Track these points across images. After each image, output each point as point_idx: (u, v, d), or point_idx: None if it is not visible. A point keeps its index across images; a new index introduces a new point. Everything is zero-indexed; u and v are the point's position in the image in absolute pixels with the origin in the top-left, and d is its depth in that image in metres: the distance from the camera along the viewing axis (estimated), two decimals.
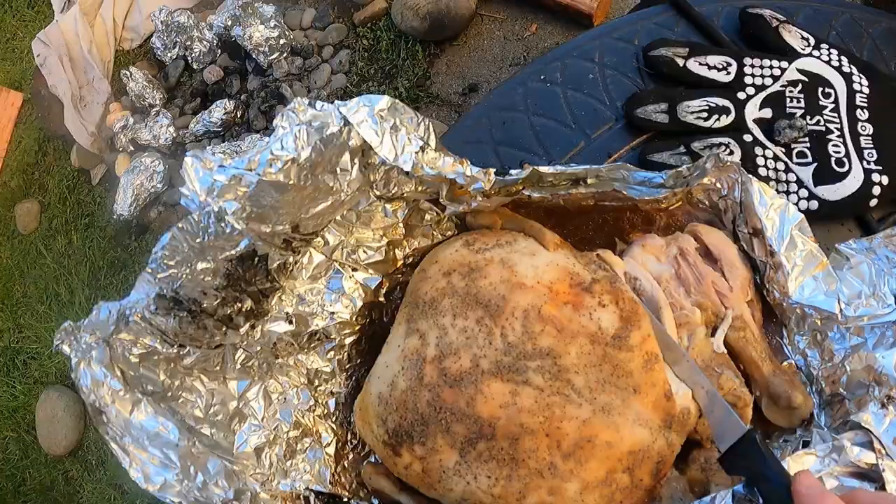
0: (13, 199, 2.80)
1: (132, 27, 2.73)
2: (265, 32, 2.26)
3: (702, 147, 0.93)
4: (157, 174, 2.25)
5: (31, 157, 2.83)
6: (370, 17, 2.29)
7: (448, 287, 0.69)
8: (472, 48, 2.18)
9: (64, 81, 2.61)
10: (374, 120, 0.69)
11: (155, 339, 0.70)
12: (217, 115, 2.27)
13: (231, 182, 0.64)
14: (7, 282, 2.68)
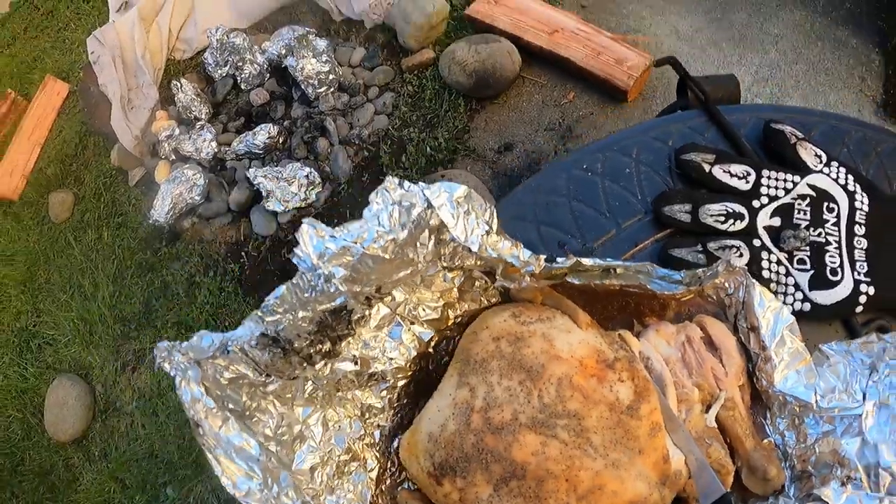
0: (48, 187, 3.00)
1: (186, 39, 2.97)
2: (317, 66, 2.48)
3: (716, 247, 1.12)
4: (197, 187, 2.45)
5: (70, 148, 3.04)
6: (417, 66, 2.52)
7: (497, 351, 0.88)
8: (511, 108, 2.41)
9: (114, 82, 2.82)
10: (452, 205, 0.88)
11: (248, 367, 0.86)
12: (261, 137, 2.48)
13: (340, 251, 0.83)
14: (32, 265, 2.86)
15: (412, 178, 2.32)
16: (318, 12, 2.83)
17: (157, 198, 2.47)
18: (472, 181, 2.22)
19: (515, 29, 2.42)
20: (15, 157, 3.08)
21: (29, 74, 3.41)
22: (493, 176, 2.32)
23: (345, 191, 2.37)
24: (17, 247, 2.94)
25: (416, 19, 2.50)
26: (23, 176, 3.06)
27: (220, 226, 2.48)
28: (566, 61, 2.36)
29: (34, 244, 2.91)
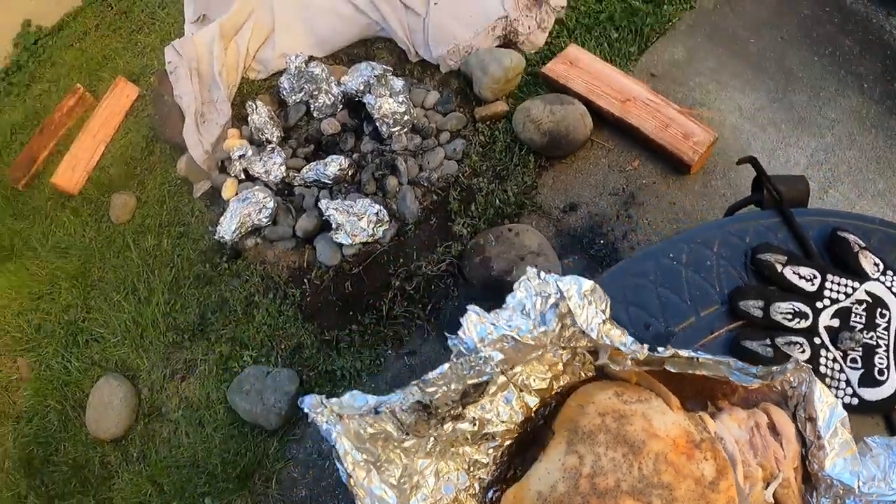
0: (109, 186, 3.25)
1: (262, 60, 3.24)
2: (393, 106, 2.75)
3: (783, 343, 1.35)
4: (266, 209, 2.70)
5: (136, 152, 3.30)
6: (491, 116, 2.78)
7: (603, 425, 1.11)
8: (578, 169, 2.66)
9: (189, 94, 3.09)
10: (580, 296, 1.12)
11: (393, 426, 1.05)
12: (332, 169, 2.74)
13: (499, 338, 1.07)
14: (86, 261, 3.10)
15: (479, 227, 2.56)
16: (395, 51, 3.10)
17: (225, 215, 2.72)
18: (538, 238, 2.46)
19: (589, 93, 2.68)
20: (79, 153, 3.34)
21: (98, 72, 3.69)
22: (557, 234, 2.56)
23: (412, 231, 2.61)
24: (72, 241, 3.19)
25: (493, 71, 2.76)
26: (85, 172, 3.32)
27: (284, 250, 2.72)
28: (635, 130, 2.61)
29: (90, 241, 3.16)
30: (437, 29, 2.93)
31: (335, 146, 2.94)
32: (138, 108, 3.47)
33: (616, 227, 2.55)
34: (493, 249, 2.46)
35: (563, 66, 2.75)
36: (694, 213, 2.55)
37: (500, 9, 2.88)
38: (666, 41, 2.92)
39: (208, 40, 3.22)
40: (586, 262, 2.51)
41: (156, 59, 3.59)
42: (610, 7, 2.97)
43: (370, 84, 2.84)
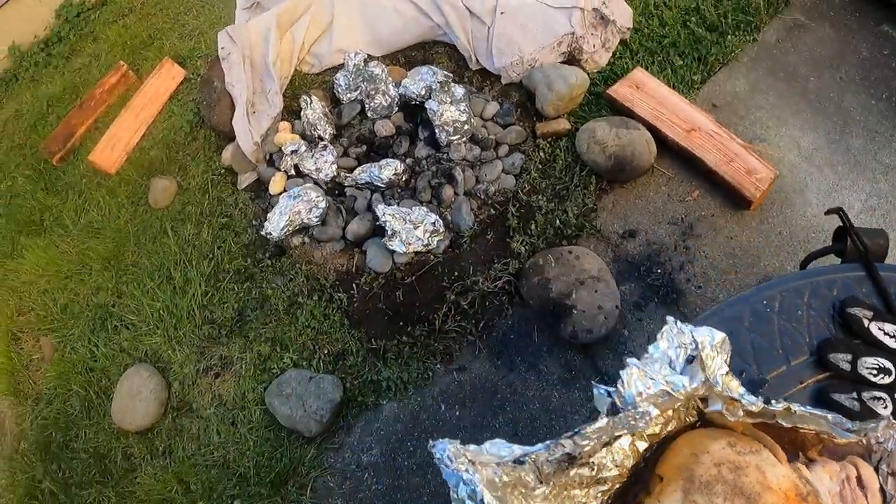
0: (149, 169, 3.19)
1: (317, 54, 3.19)
2: (455, 114, 2.70)
3: (869, 398, 1.34)
4: (318, 209, 2.65)
5: (179, 136, 3.24)
6: (552, 133, 2.74)
7: (719, 476, 1.08)
8: (638, 195, 2.62)
9: (242, 83, 3.03)
10: (711, 347, 1.09)
11: (532, 475, 1.06)
12: (387, 173, 2.68)
13: (657, 393, 1.03)
14: (120, 244, 3.04)
15: (538, 246, 2.52)
16: (454, 57, 3.06)
17: (274, 210, 2.66)
18: (598, 263, 2.42)
19: (654, 119, 2.65)
20: (119, 132, 3.28)
21: (142, 51, 3.64)
22: (615, 259, 2.52)
23: (467, 244, 2.57)
24: (106, 221, 3.13)
25: (558, 88, 2.72)
26: (124, 151, 3.27)
27: (332, 251, 2.67)
28: (699, 161, 2.58)
29: (125, 223, 3.10)
30: (502, 39, 2.88)
31: (388, 149, 2.89)
32: (183, 92, 3.42)
33: (673, 257, 2.51)
34: (552, 271, 2.41)
35: (629, 89, 2.71)
36: (750, 249, 2.52)
37: (567, 25, 2.84)
38: (728, 72, 2.90)
39: (263, 29, 3.16)
40: (643, 289, 2.48)
41: (203, 43, 3.54)
42: (673, 32, 2.95)
43: (432, 89, 2.79)
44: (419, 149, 2.87)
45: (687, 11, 3.00)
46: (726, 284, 2.48)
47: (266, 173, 2.91)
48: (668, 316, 1.13)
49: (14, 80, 3.83)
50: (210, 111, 3.09)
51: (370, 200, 2.73)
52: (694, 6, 3.00)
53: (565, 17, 2.89)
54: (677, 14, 2.99)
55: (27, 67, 3.84)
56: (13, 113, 3.68)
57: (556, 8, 2.91)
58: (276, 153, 2.92)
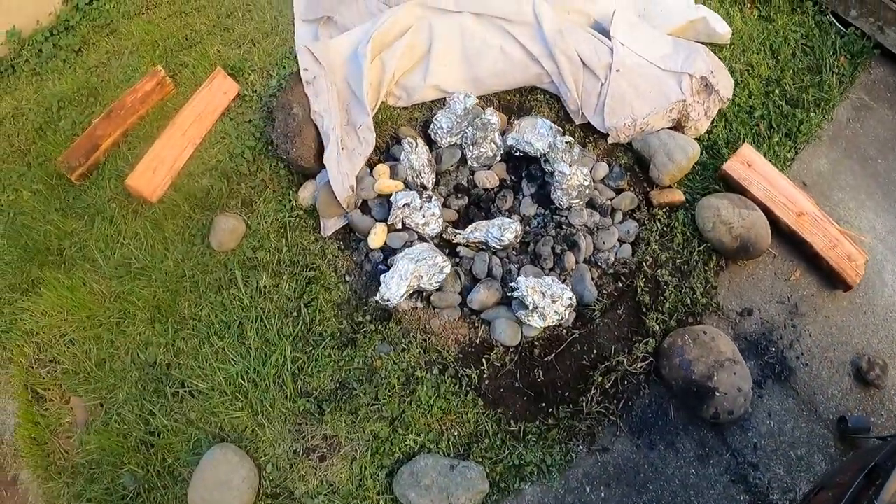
0: (202, 202, 2.42)
1: (407, 86, 2.56)
2: (581, 178, 2.24)
3: None
4: (441, 275, 2.09)
5: (238, 163, 2.47)
6: (668, 204, 2.37)
7: None
8: (749, 273, 2.33)
9: (332, 114, 2.35)
10: None
11: None
12: (508, 236, 2.18)
13: None
14: (174, 291, 2.27)
15: (669, 325, 2.15)
16: (555, 107, 2.58)
17: (392, 274, 2.07)
18: (730, 344, 2.11)
19: (768, 200, 2.35)
20: (162, 152, 2.46)
21: (180, 55, 2.77)
22: (735, 337, 2.22)
23: (598, 319, 2.15)
24: (152, 261, 2.34)
25: (679, 159, 2.34)
26: (169, 176, 2.46)
27: (450, 320, 2.13)
28: (806, 244, 2.33)
29: (177, 265, 2.32)
30: (616, 98, 2.45)
31: (490, 202, 2.37)
32: (236, 110, 2.63)
33: (784, 335, 2.27)
34: (692, 352, 2.07)
35: (742, 166, 2.39)
36: (844, 328, 2.32)
37: (679, 91, 2.47)
38: (813, 150, 2.66)
39: (350, 50, 2.50)
40: (761, 367, 2.21)
41: (256, 55, 2.75)
42: (758, 102, 2.65)
43: (558, 150, 2.30)
44: (525, 205, 2.37)
45: (768, 82, 2.72)
46: (826, 362, 2.28)
47: (360, 222, 2.28)
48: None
49: (11, 70, 2.78)
50: (287, 142, 2.38)
51: (490, 264, 2.21)
52: (775, 77, 2.73)
53: (676, 83, 2.50)
54: (761, 85, 2.71)
55: (27, 58, 2.80)
56: (11, 111, 2.66)
57: (666, 71, 2.52)
58: (373, 199, 2.30)
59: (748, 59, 2.76)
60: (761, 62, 2.76)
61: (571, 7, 2.66)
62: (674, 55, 2.56)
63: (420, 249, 2.11)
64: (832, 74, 2.74)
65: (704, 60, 2.54)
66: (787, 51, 2.79)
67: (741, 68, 2.75)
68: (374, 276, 2.24)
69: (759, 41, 2.80)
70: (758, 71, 2.75)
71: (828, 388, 2.20)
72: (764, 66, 2.76)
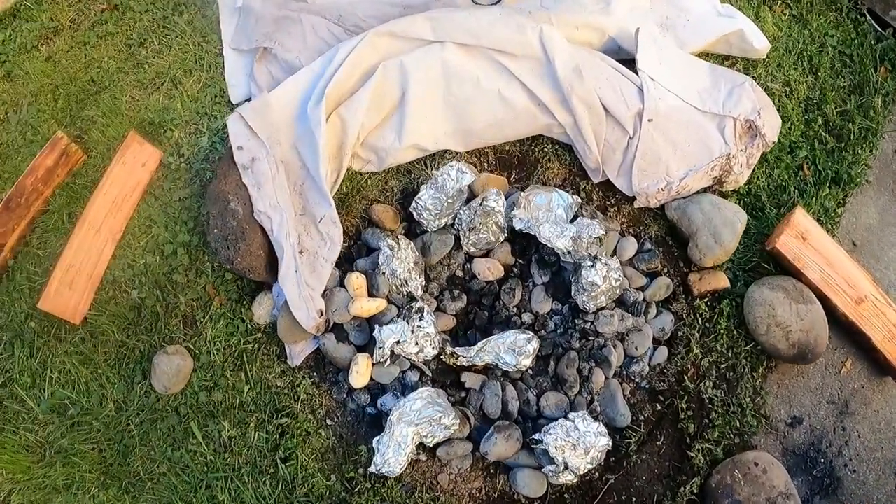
0: (135, 323, 1.53)
1: (377, 147, 1.58)
2: (614, 280, 1.41)
3: None
4: (446, 430, 1.31)
5: (172, 266, 1.55)
6: (711, 292, 1.56)
7: None
8: (800, 371, 1.60)
9: (284, 212, 1.42)
10: None
11: None
12: (525, 362, 1.38)
13: None
14: (121, 443, 1.47)
15: (715, 454, 1.45)
16: (566, 159, 1.65)
17: (388, 441, 1.29)
18: (783, 474, 1.43)
19: (825, 286, 1.55)
20: (76, 259, 1.52)
21: (86, 106, 1.68)
22: (784, 453, 1.54)
23: (636, 455, 1.43)
24: (88, 405, 1.50)
25: (726, 239, 1.50)
26: (90, 288, 1.54)
27: (460, 471, 1.40)
28: (864, 337, 1.58)
29: (120, 410, 1.50)
30: (648, 157, 1.55)
31: (494, 298, 1.54)
32: (159, 184, 1.65)
33: (833, 441, 1.59)
34: (742, 490, 1.40)
35: (796, 241, 1.56)
36: (892, 421, 1.64)
37: (722, 142, 1.57)
38: (861, 197, 1.79)
39: (296, 105, 1.50)
40: (809, 483, 1.55)
41: (180, 101, 1.71)
42: (800, 137, 1.76)
43: (583, 242, 1.44)
44: (537, 299, 1.52)
45: (808, 106, 1.80)
46: (874, 464, 1.64)
47: (336, 352, 1.43)
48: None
49: None
50: (229, 249, 1.46)
51: (504, 397, 1.43)
52: (815, 100, 1.81)
53: (717, 130, 1.58)
54: (801, 111, 1.80)
55: None
56: None
57: (705, 113, 1.59)
58: (349, 322, 1.46)
59: (785, 76, 1.81)
60: (799, 80, 1.81)
61: (581, 22, 1.63)
62: (713, 90, 1.61)
63: (419, 406, 1.32)
64: (876, 94, 1.82)
65: (751, 98, 1.60)
66: (825, 63, 1.83)
67: (778, 89, 1.80)
68: (361, 417, 1.47)
69: (796, 52, 1.83)
70: (796, 92, 1.81)
71: (874, 494, 1.58)
72: (803, 85, 1.82)
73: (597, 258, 1.41)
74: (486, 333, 1.48)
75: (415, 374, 1.43)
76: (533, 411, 1.43)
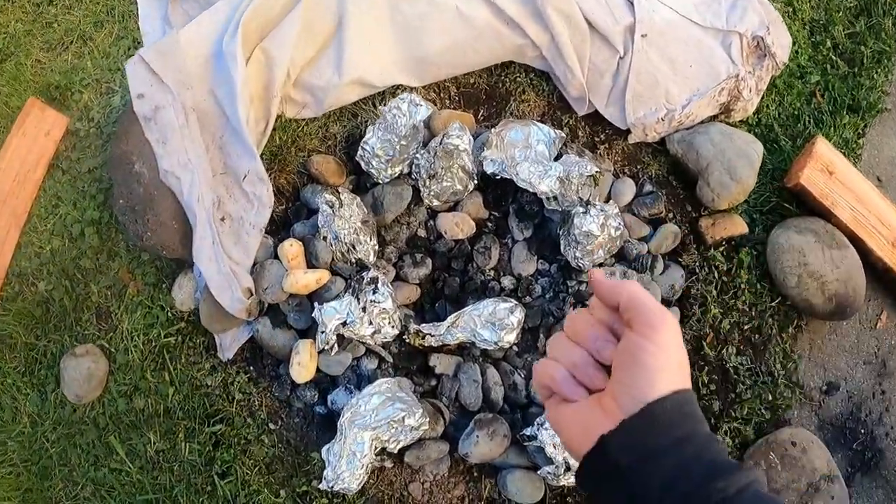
0: (43, 321, 1.14)
1: (313, 86, 1.17)
2: (611, 229, 1.02)
3: None
4: (413, 430, 0.93)
5: (81, 250, 1.16)
6: (727, 239, 1.17)
7: None
8: (832, 329, 1.22)
9: (196, 169, 1.02)
10: None
11: None
12: (508, 336, 1.00)
13: None
14: (40, 464, 1.09)
15: (747, 435, 1.07)
16: (543, 90, 1.24)
17: (339, 453, 0.90)
18: (824, 453, 1.06)
19: (858, 227, 1.16)
20: None
21: None
22: (820, 426, 1.16)
23: None
24: (3, 419, 1.12)
25: (743, 174, 1.11)
26: None
27: (436, 477, 1.01)
28: None
29: (35, 425, 1.11)
30: (642, 78, 1.14)
31: (466, 260, 1.14)
32: (66, 154, 1.24)
33: (872, 408, 1.21)
34: (780, 477, 1.03)
35: (821, 175, 1.17)
36: None
37: (728, 61, 1.17)
38: (881, 127, 1.38)
39: (210, 44, 1.09)
40: (849, 458, 1.17)
41: (89, 59, 1.29)
42: (808, 62, 1.36)
43: (573, 185, 1.05)
44: (518, 259, 1.13)
45: (814, 29, 1.39)
46: None
47: (272, 339, 1.04)
48: None
49: None
50: (136, 221, 1.05)
51: (484, 384, 1.05)
52: (821, 22, 1.40)
53: (722, 48, 1.17)
54: (806, 34, 1.38)
55: None
56: None
57: (707, 29, 1.19)
58: (286, 301, 1.07)
59: None
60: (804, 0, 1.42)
61: None
62: (712, 3, 1.19)
63: (375, 404, 0.93)
64: (885, 15, 1.41)
65: (757, 11, 1.19)
66: None
67: (780, 9, 1.39)
68: (310, 418, 1.08)
69: None
70: (800, 13, 1.39)
71: None
72: (807, 5, 1.40)
73: (590, 203, 1.02)
74: (459, 305, 1.09)
75: (372, 360, 1.04)
76: (522, 398, 1.04)
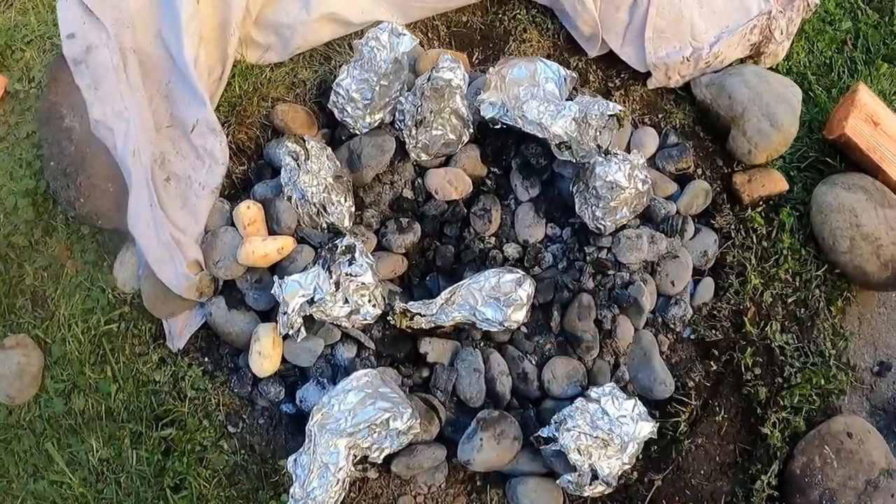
0: None
1: (277, 25, 0.85)
2: (639, 184, 0.71)
3: None
4: (402, 435, 0.63)
5: (14, 225, 0.84)
6: (765, 198, 0.86)
7: None
8: (881, 301, 0.91)
9: (131, 118, 0.71)
10: None
11: None
12: (516, 314, 0.69)
13: None
14: None
15: (797, 426, 0.77)
16: (548, 30, 0.92)
17: (308, 465, 0.60)
18: (882, 443, 0.77)
19: None
20: None
21: None
22: (872, 411, 0.86)
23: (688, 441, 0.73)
24: None
25: (784, 122, 0.80)
26: None
27: (432, 490, 0.71)
28: None
29: None
30: (664, 11, 0.82)
31: (462, 225, 0.83)
32: (4, 119, 0.91)
33: None
34: (835, 474, 0.73)
35: (866, 125, 0.85)
36: None
37: None
38: None
39: None
40: None
41: (33, 14, 0.96)
42: (835, 8, 1.04)
43: (589, 123, 0.72)
44: (523, 222, 0.81)
45: None
46: None
47: (228, 325, 0.72)
48: None
49: None
50: (67, 186, 0.74)
51: (488, 373, 0.75)
52: None
53: None
54: None
55: None
56: None
57: None
58: (242, 277, 0.76)
59: None
60: None
61: None
62: None
63: (352, 402, 0.62)
64: None
65: None
66: None
67: None
68: (277, 419, 0.77)
69: None
70: None
71: None
72: None
73: (609, 152, 0.71)
74: (455, 278, 0.77)
75: (349, 348, 0.74)
76: (534, 389, 0.73)
